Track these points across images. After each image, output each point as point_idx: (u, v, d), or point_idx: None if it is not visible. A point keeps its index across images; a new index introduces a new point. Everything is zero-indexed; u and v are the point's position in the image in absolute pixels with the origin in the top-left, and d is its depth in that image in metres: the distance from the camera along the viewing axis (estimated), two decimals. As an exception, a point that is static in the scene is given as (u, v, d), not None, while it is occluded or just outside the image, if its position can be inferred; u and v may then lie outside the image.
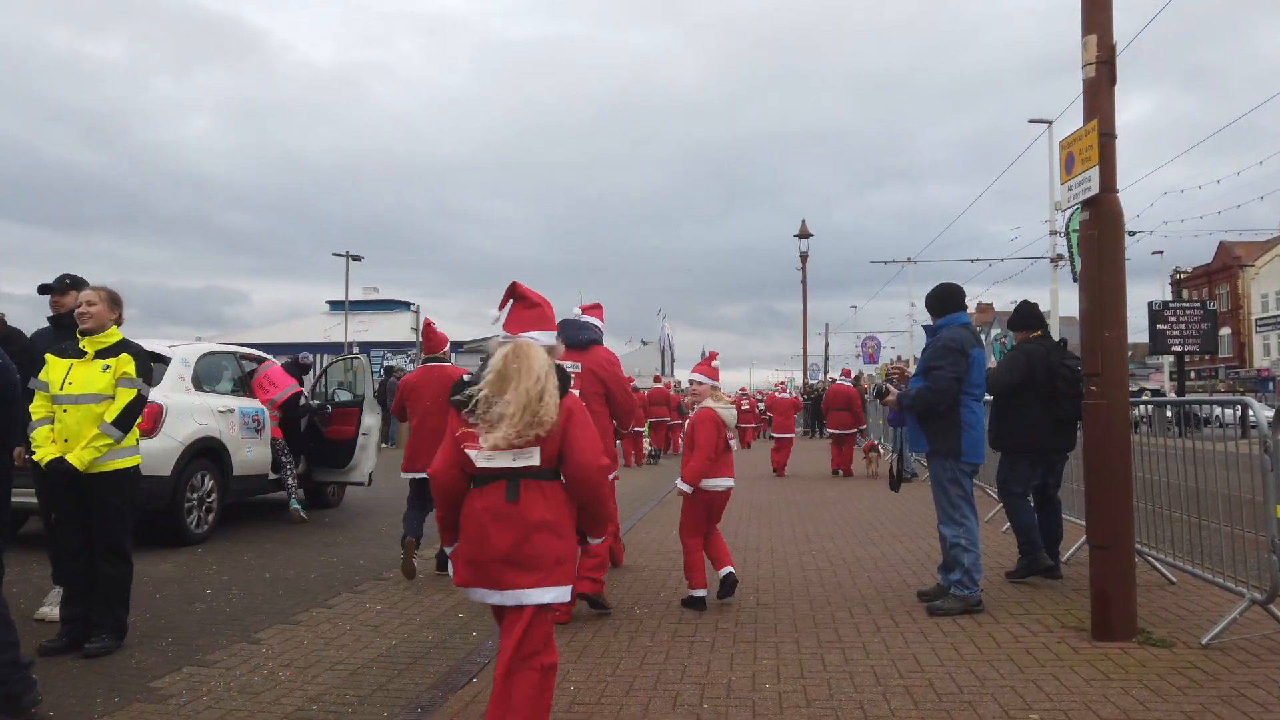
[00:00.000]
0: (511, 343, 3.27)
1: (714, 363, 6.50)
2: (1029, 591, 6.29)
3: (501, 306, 3.44)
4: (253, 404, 9.22)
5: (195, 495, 8.20)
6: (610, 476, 3.72)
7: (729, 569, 6.07)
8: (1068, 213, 34.64)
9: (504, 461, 3.13)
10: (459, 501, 3.27)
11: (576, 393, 3.46)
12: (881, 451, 18.05)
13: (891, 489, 6.20)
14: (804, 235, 31.54)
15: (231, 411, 8.77)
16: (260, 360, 10.24)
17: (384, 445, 22.90)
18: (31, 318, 5.47)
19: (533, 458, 3.13)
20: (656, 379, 24.93)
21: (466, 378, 3.33)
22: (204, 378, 8.81)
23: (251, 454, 9.04)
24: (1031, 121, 30.71)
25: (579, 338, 6.11)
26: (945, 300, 5.93)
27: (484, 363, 3.30)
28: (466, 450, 3.18)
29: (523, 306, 3.43)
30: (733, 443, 6.24)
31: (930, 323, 6.00)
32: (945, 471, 5.75)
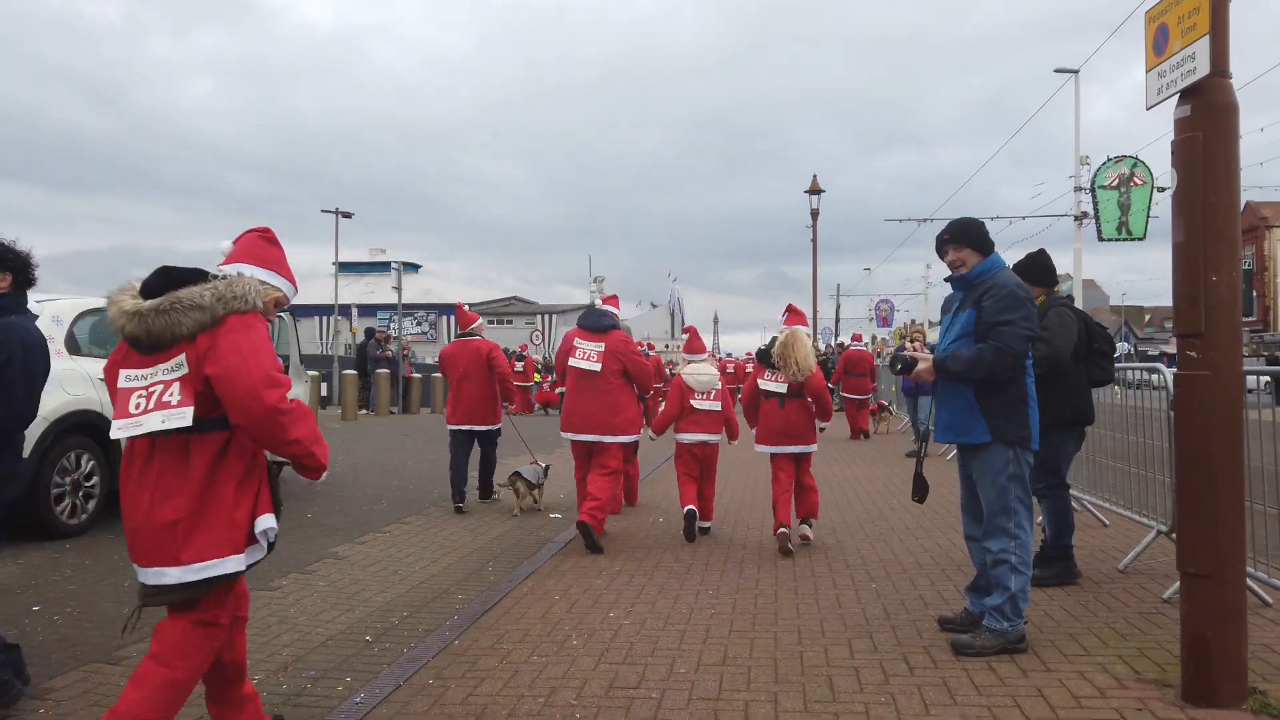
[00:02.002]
0: None
1: (700, 335, 8.09)
2: (1074, 616, 4.88)
3: None
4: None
5: (68, 480, 6.85)
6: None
7: (690, 506, 7.09)
8: (1094, 167, 33.08)
9: None
10: None
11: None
12: (892, 411, 18.58)
13: (915, 499, 4.74)
14: (815, 191, 29.82)
15: (121, 379, 7.39)
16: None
17: (364, 411, 21.61)
18: (46, 280, 4.36)
19: None
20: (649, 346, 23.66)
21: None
22: (87, 339, 7.43)
23: (150, 429, 7.66)
24: (1057, 71, 28.98)
25: (600, 323, 7.17)
26: (985, 235, 4.43)
27: None
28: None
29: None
30: (705, 403, 7.31)
31: (962, 267, 4.44)
32: (1006, 465, 4.28)
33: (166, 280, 2.98)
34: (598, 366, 6.96)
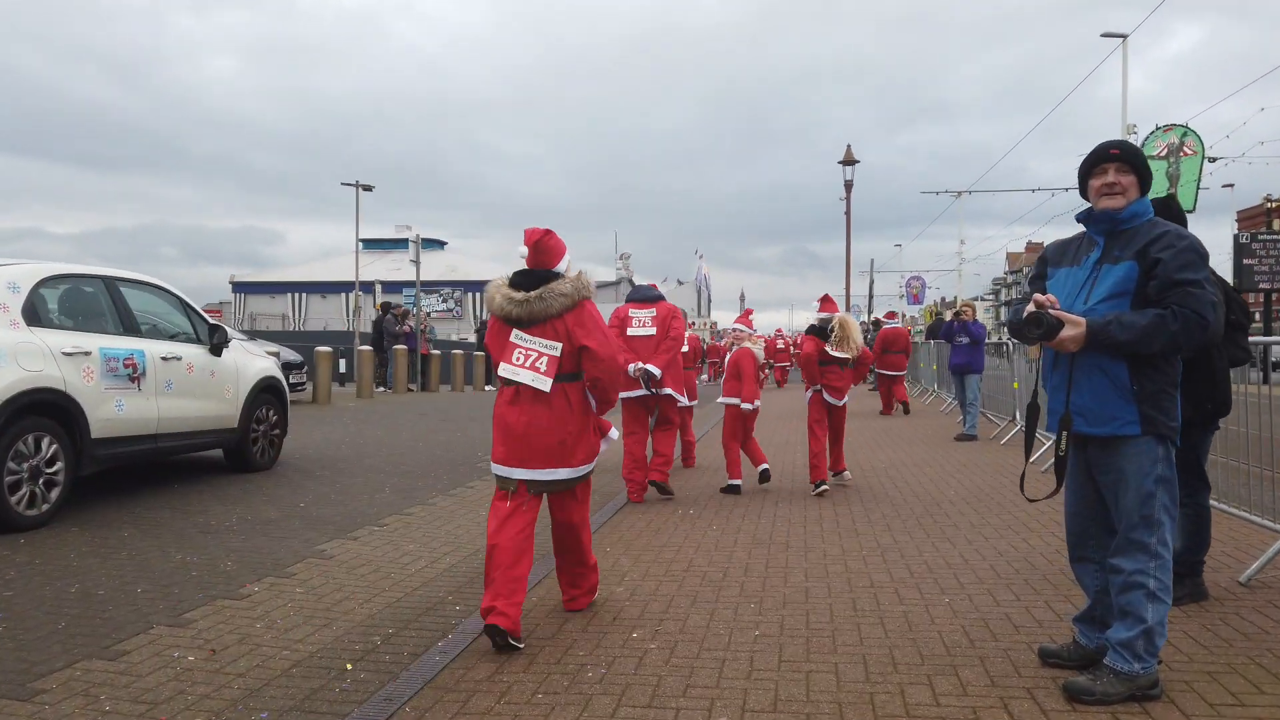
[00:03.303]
0: None
1: (750, 316, 9.44)
2: (1207, 647, 3.97)
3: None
4: (126, 344, 7.05)
5: (25, 466, 6.09)
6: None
7: (764, 465, 8.40)
8: (1141, 137, 31.69)
9: None
10: None
11: None
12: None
13: (1034, 497, 3.74)
14: (849, 162, 28.70)
15: (87, 354, 6.61)
16: (174, 296, 8.09)
17: (382, 388, 20.90)
18: (78, 257, 3.52)
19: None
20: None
21: None
22: (52, 310, 6.66)
23: (124, 410, 6.90)
24: (1104, 36, 27.68)
25: (651, 294, 8.03)
26: (1149, 168, 3.45)
27: None
28: None
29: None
30: (763, 375, 8.86)
31: (1120, 197, 3.42)
32: (1155, 464, 3.35)
33: (532, 278, 4.23)
34: (654, 330, 7.70)
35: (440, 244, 73.90)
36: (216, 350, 8.23)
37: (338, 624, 4.46)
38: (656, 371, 7.52)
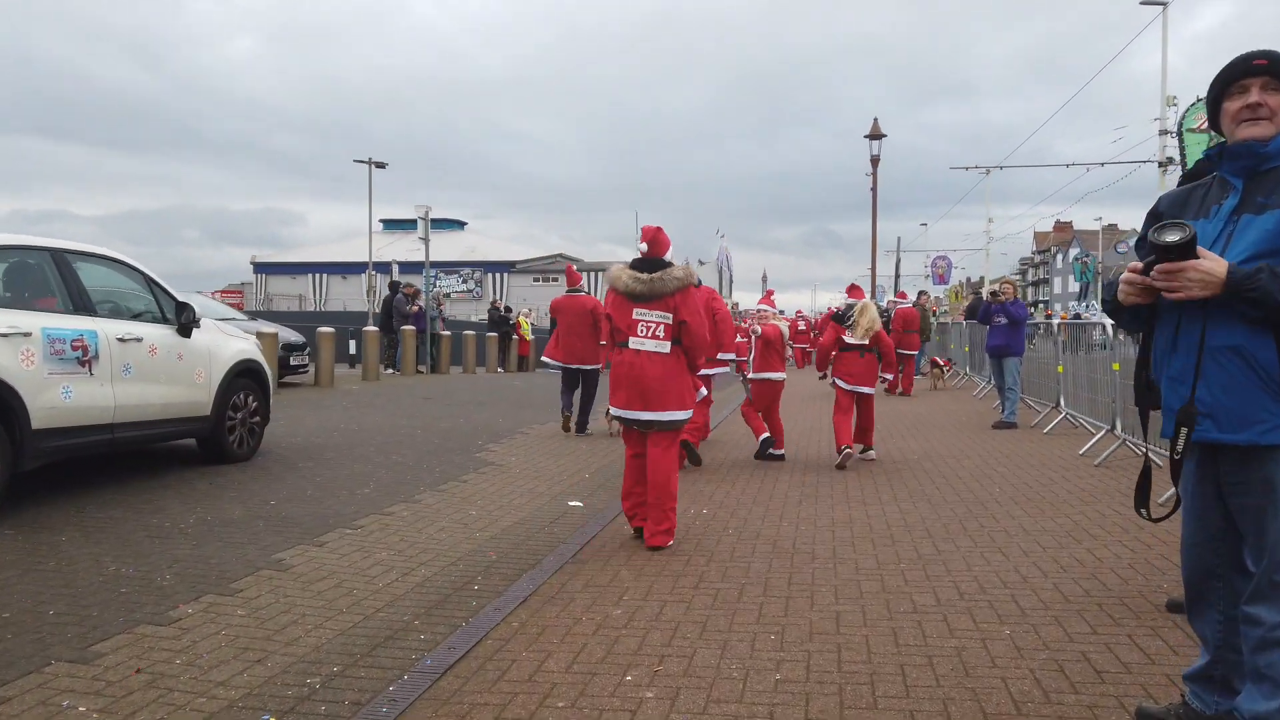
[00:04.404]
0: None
1: (772, 296, 10.77)
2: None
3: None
4: (75, 324, 6.34)
5: (-52, 464, 5.39)
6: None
7: (766, 434, 8.79)
8: (1181, 109, 30.43)
9: None
10: None
11: None
12: (943, 370, 18.80)
13: (1141, 510, 2.87)
14: (876, 136, 27.62)
15: (26, 335, 5.90)
16: (128, 268, 7.37)
17: (390, 370, 20.24)
18: (103, 239, 2.74)
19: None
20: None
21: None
22: (-6, 286, 5.95)
23: (72, 397, 6.19)
24: (1143, 3, 26.51)
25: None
26: None
27: None
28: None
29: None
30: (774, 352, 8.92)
31: (1267, 122, 2.59)
32: None
33: (650, 264, 5.52)
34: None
35: (460, 224, 73.24)
36: (185, 330, 7.51)
37: (274, 659, 3.72)
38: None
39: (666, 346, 5.43)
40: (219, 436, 7.86)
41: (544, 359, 11.40)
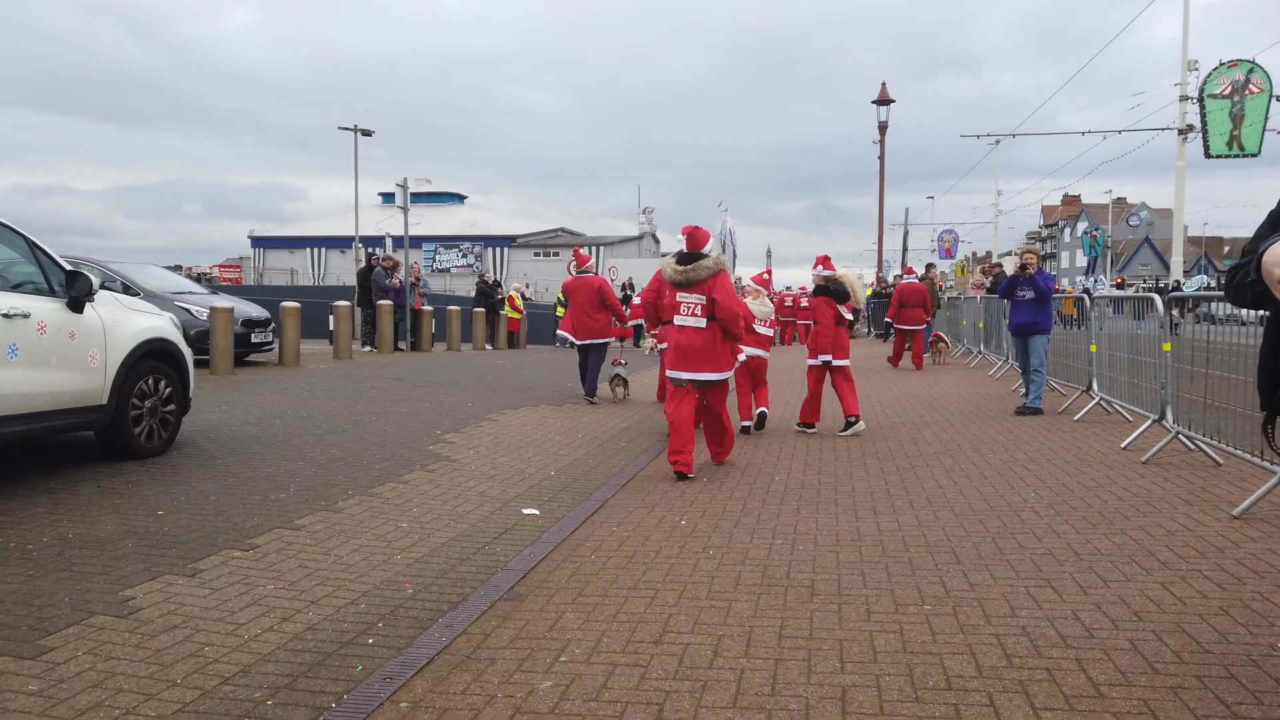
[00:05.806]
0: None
1: (765, 275, 10.41)
2: None
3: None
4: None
5: None
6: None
7: (763, 410, 9.19)
8: (1202, 74, 29.05)
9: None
10: None
11: None
12: (949, 344, 18.67)
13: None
14: (884, 101, 26.32)
15: None
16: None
17: (367, 348, 19.10)
18: (104, 214, 1.38)
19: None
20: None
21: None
22: None
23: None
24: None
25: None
26: None
27: None
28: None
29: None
30: (764, 329, 9.26)
31: None
32: None
33: (689, 257, 6.97)
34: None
35: (460, 198, 71.83)
36: (76, 305, 6.37)
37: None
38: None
39: (703, 322, 6.86)
40: (119, 429, 6.73)
41: (559, 332, 12.48)
